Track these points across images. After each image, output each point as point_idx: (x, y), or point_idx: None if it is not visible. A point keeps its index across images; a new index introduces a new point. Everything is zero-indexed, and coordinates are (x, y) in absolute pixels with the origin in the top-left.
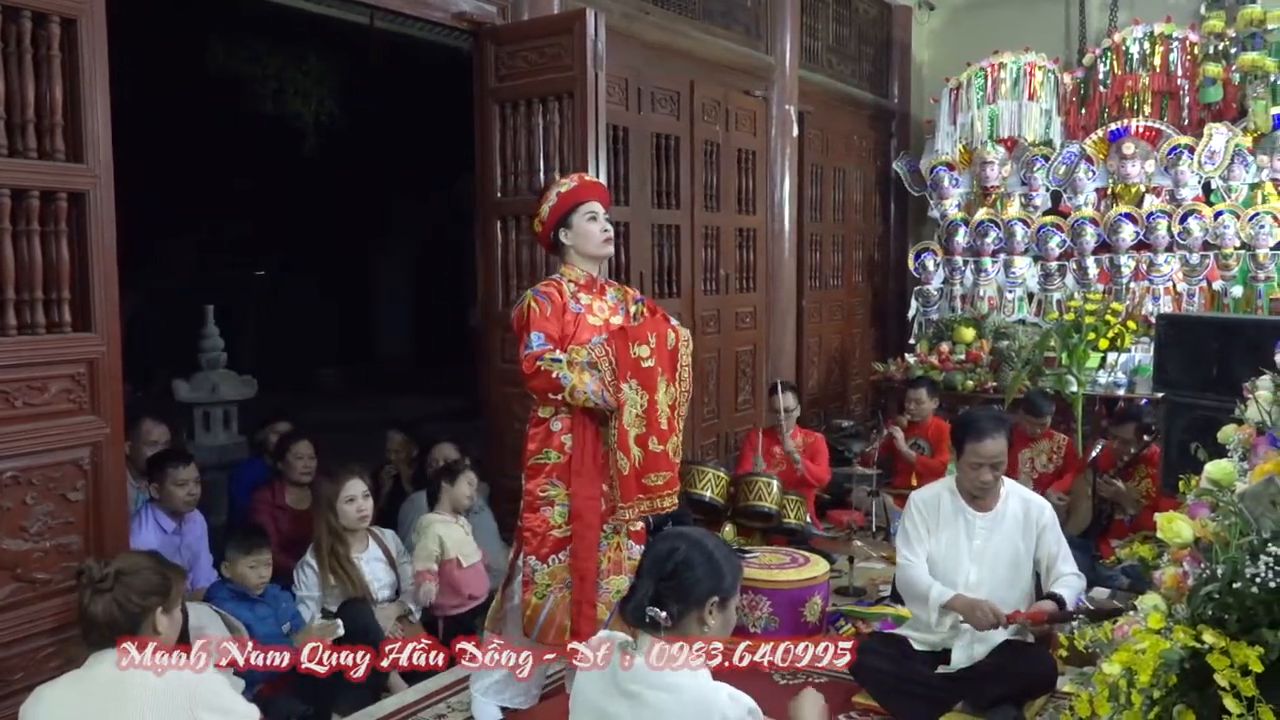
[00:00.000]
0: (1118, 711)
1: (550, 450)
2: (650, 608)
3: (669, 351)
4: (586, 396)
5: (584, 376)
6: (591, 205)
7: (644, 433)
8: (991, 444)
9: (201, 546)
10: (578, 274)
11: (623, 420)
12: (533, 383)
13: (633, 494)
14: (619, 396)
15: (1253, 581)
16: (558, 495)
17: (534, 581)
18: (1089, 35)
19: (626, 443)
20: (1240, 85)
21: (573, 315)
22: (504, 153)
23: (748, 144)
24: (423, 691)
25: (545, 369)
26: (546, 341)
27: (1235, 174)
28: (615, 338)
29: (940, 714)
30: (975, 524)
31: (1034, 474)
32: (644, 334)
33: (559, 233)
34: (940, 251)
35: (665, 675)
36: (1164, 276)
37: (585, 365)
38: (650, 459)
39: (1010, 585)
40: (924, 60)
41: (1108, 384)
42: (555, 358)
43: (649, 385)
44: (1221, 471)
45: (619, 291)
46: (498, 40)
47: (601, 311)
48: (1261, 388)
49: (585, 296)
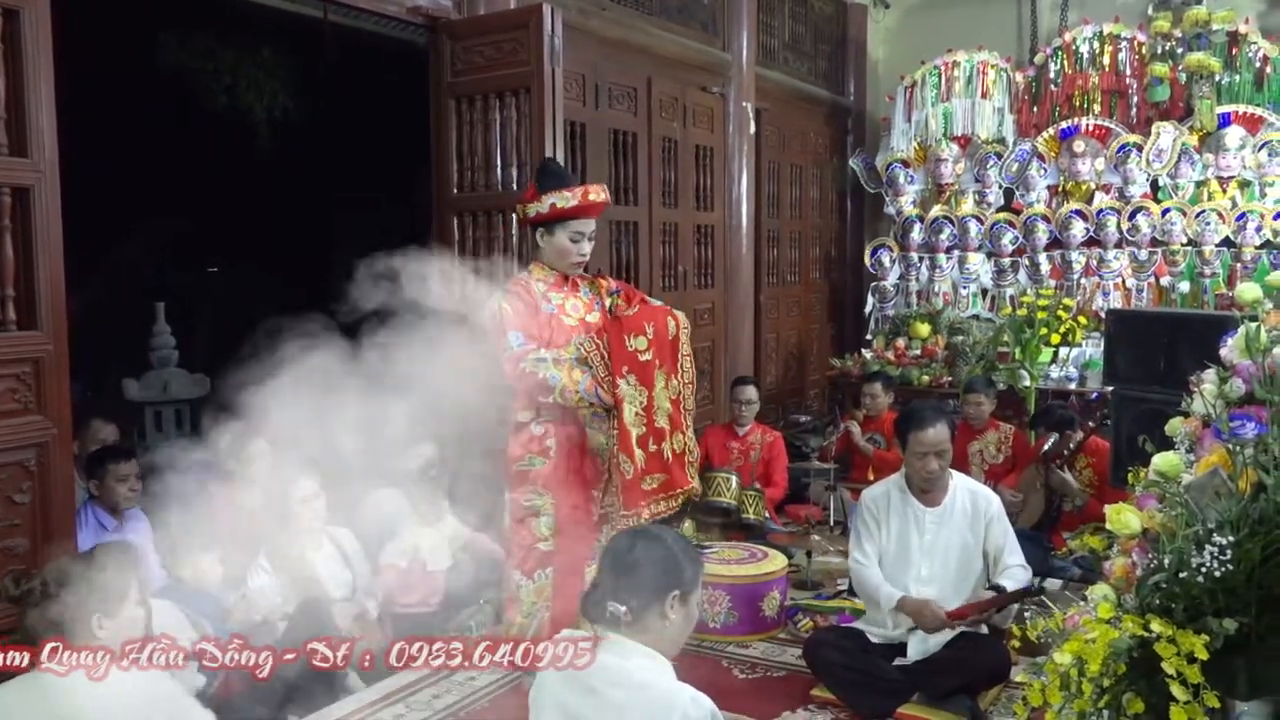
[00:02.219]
0: (1069, 700)
1: (535, 456)
2: (610, 603)
3: (669, 342)
4: (579, 396)
5: (574, 374)
6: (581, 225)
7: (644, 433)
8: (934, 432)
9: (146, 545)
10: (547, 274)
11: (623, 419)
12: (519, 385)
13: (636, 500)
14: (615, 392)
15: (1198, 571)
16: (544, 505)
17: (519, 599)
18: (1040, 35)
19: (629, 444)
20: (1187, 85)
21: (546, 316)
22: (460, 148)
23: (705, 141)
24: (381, 691)
25: (530, 370)
26: (527, 340)
27: (1182, 172)
28: (609, 329)
29: (897, 705)
30: (924, 518)
31: (984, 466)
32: (640, 324)
33: (538, 231)
34: (896, 248)
35: (630, 673)
36: (1114, 272)
37: (575, 362)
38: (649, 460)
39: (961, 578)
40: (879, 58)
41: (1059, 378)
42: (539, 357)
43: (647, 380)
44: (1168, 464)
45: (591, 285)
46: (453, 35)
47: (576, 310)
48: (1207, 381)
49: (556, 295)
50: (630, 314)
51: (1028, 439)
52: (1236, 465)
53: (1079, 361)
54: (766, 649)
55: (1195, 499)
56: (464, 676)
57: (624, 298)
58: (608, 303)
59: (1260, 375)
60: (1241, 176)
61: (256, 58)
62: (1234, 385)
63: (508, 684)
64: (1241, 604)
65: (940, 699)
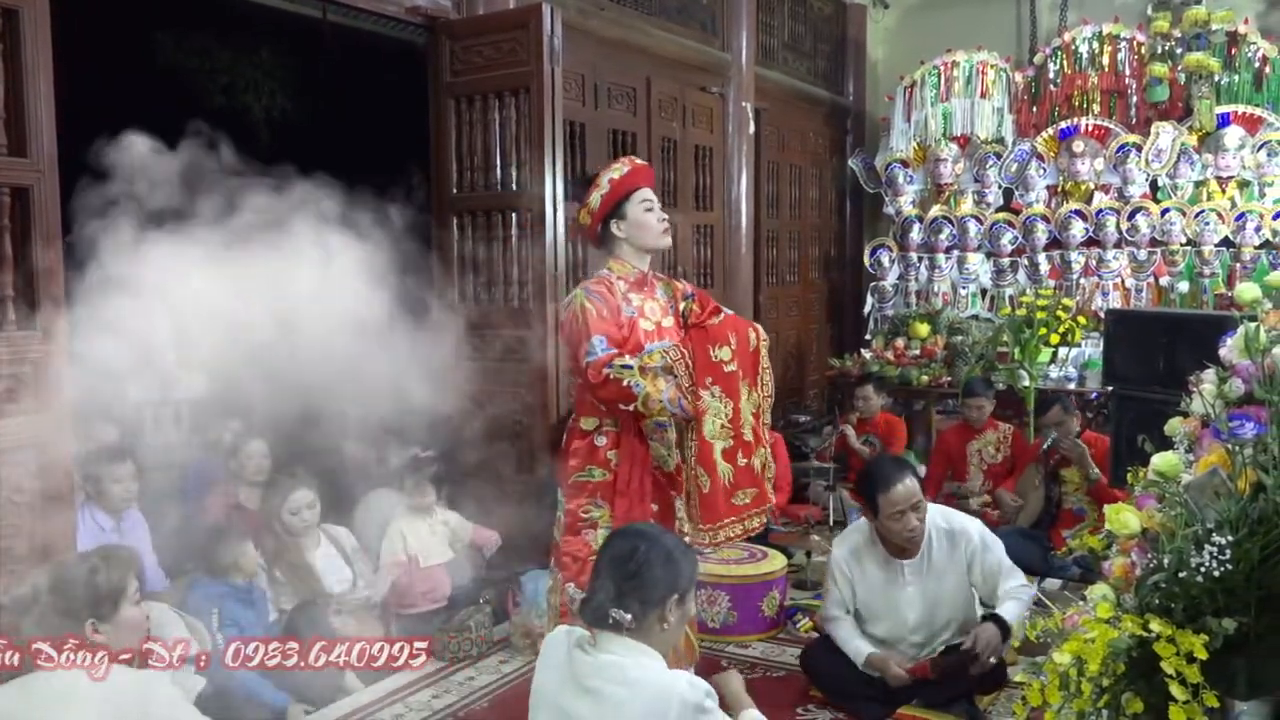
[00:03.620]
0: (1068, 700)
1: (594, 467)
2: (613, 609)
3: (751, 354)
4: (662, 406)
5: (658, 383)
6: (646, 192)
7: (731, 446)
8: (903, 488)
9: (145, 546)
10: (629, 270)
11: (703, 432)
12: (601, 392)
13: (720, 514)
14: (698, 405)
15: (1198, 571)
16: (601, 517)
17: (574, 613)
18: (1039, 35)
19: (710, 457)
20: (1186, 85)
21: (626, 319)
22: (460, 148)
23: (704, 141)
24: (380, 692)
25: (615, 377)
26: (610, 344)
27: (1181, 172)
28: (693, 338)
29: (895, 709)
30: (903, 571)
31: (984, 466)
32: (724, 334)
33: (610, 224)
34: (895, 248)
35: (625, 670)
36: (1113, 272)
37: (659, 370)
38: (739, 474)
39: (955, 613)
40: (879, 58)
41: (1059, 378)
42: (625, 364)
43: (731, 391)
44: (1167, 463)
45: (667, 287)
46: (452, 35)
47: (653, 314)
48: (1206, 381)
49: (636, 297)
50: (715, 324)
51: (1026, 439)
52: (1236, 465)
53: (1078, 361)
54: (766, 649)
55: (1194, 499)
56: (464, 677)
57: (698, 303)
58: (681, 307)
59: (1259, 375)
60: (1241, 176)
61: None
62: (1233, 385)
63: (507, 684)
64: (1241, 604)
65: (938, 706)
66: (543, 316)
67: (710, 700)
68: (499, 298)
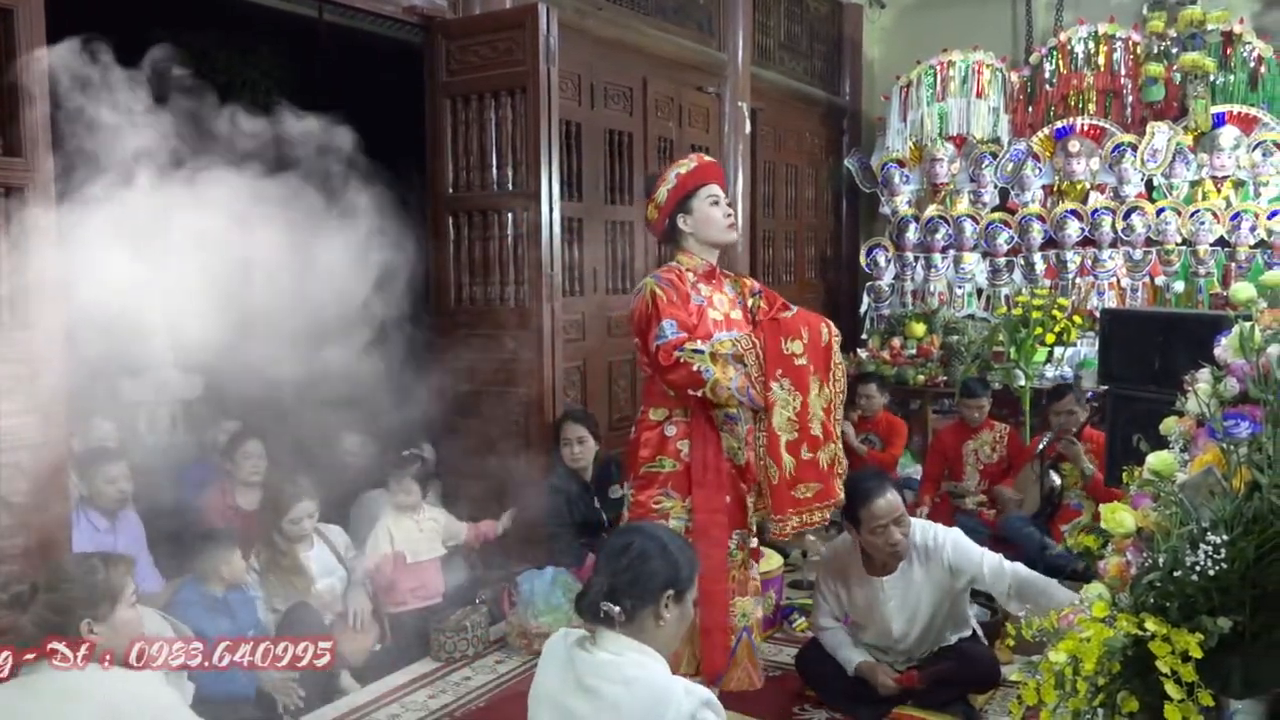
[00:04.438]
0: (1064, 699)
1: (665, 458)
2: (604, 602)
3: (823, 349)
4: (730, 394)
5: (728, 370)
6: (712, 188)
7: (796, 439)
8: (884, 502)
9: (140, 547)
10: (697, 263)
11: (773, 423)
12: (670, 375)
13: (785, 506)
14: (768, 395)
15: (1192, 570)
16: (673, 508)
17: None
18: (1035, 34)
19: (778, 449)
20: (1181, 84)
21: (695, 307)
22: (456, 148)
23: (701, 140)
24: (375, 692)
25: (686, 360)
26: (681, 329)
27: (1176, 172)
28: (765, 329)
29: (890, 709)
30: (884, 587)
31: (980, 466)
32: (797, 327)
33: (677, 219)
34: (891, 247)
35: (623, 669)
36: (1108, 272)
37: (730, 358)
38: (801, 467)
39: (943, 618)
40: (875, 58)
41: (1054, 377)
42: (696, 348)
43: (801, 385)
44: (1162, 463)
45: (735, 283)
46: (449, 34)
47: (722, 305)
48: (1201, 381)
49: (705, 288)
50: (787, 317)
51: (1022, 439)
52: (1231, 464)
53: (1074, 361)
54: (762, 648)
55: (1189, 498)
56: (460, 676)
57: (765, 300)
58: (750, 303)
59: (1254, 374)
60: (1236, 176)
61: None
62: (1228, 384)
63: (504, 684)
64: (1236, 602)
65: (933, 707)
66: (539, 316)
67: (707, 710)
68: (495, 297)
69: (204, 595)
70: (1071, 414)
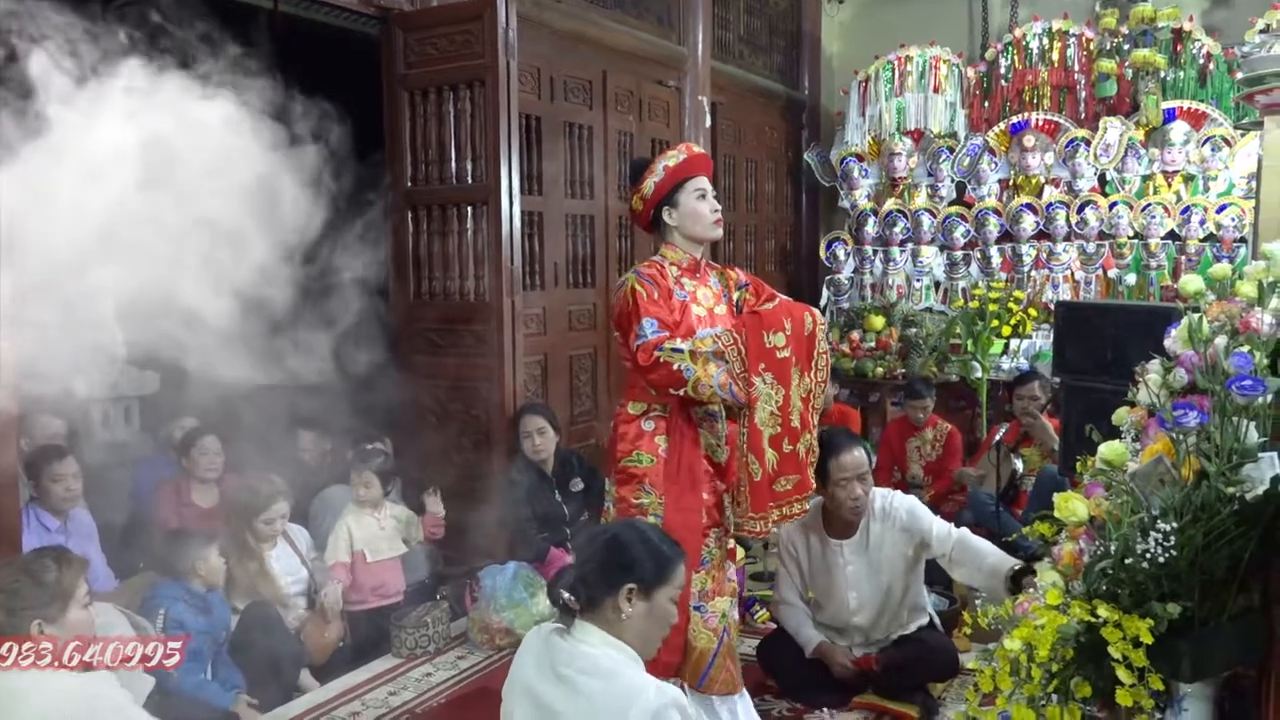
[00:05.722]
0: (1019, 685)
1: (642, 453)
2: (564, 590)
3: (806, 338)
4: (712, 391)
5: (709, 368)
6: (700, 181)
7: (778, 433)
8: (851, 457)
9: (91, 546)
10: (680, 256)
11: (754, 419)
12: (651, 375)
13: (765, 502)
14: (750, 391)
15: (1143, 557)
16: (651, 504)
17: None
18: (991, 30)
19: (760, 444)
20: (1133, 80)
21: (679, 303)
22: (414, 141)
23: (661, 134)
24: (335, 690)
25: (666, 360)
26: (661, 328)
27: (1128, 166)
28: (747, 323)
29: (850, 699)
30: (842, 551)
31: (923, 462)
32: (779, 319)
33: (662, 211)
34: (850, 241)
35: (597, 661)
36: (1063, 265)
37: (710, 355)
38: (783, 461)
39: (900, 595)
40: (834, 53)
41: (1010, 369)
42: (676, 347)
43: (784, 378)
44: (1114, 452)
45: (720, 276)
46: (406, 26)
47: (706, 300)
48: (1152, 371)
49: (689, 282)
50: (769, 309)
51: (961, 440)
52: (1180, 453)
53: (1029, 353)
54: None
55: (1140, 487)
56: (421, 673)
57: (752, 292)
58: (735, 296)
59: (1202, 365)
60: (1186, 171)
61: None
62: (1177, 375)
63: (465, 680)
64: (1185, 588)
65: (892, 693)
66: (499, 310)
67: (674, 711)
68: (455, 291)
69: (188, 592)
70: (1035, 399)
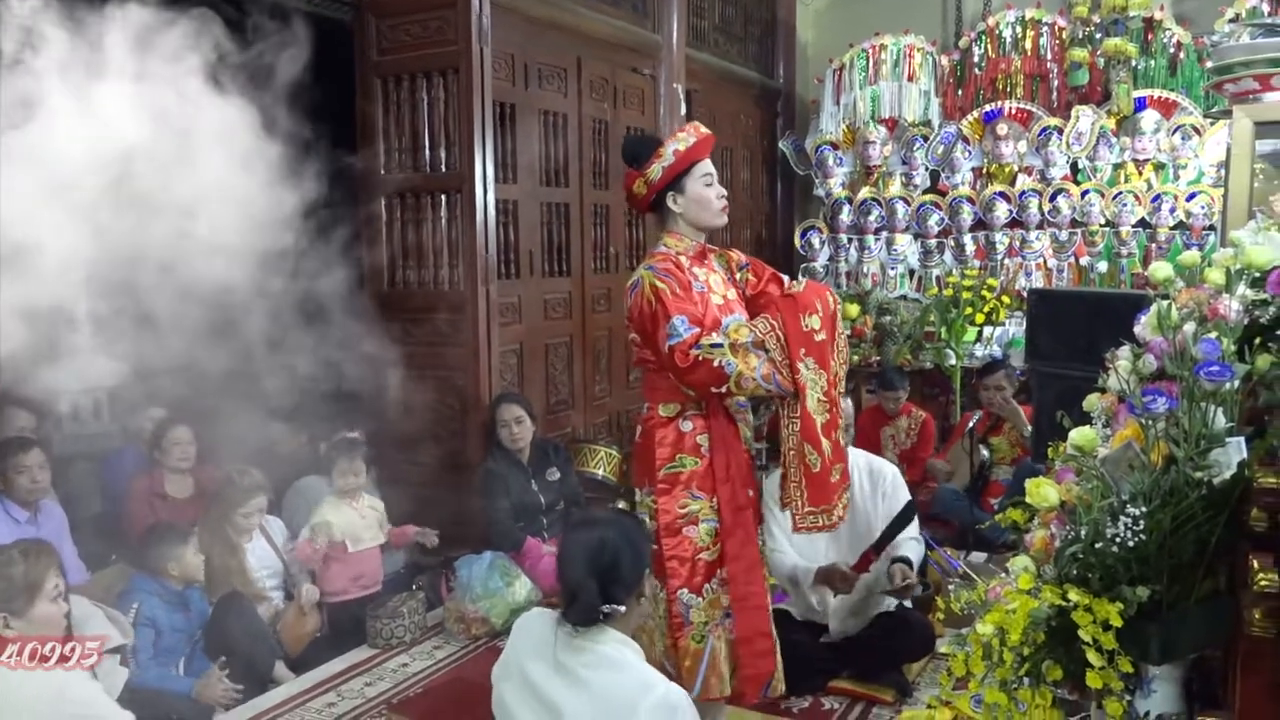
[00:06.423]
0: (991, 669)
1: (685, 455)
2: (604, 605)
3: (831, 318)
4: (756, 384)
5: (750, 359)
6: (706, 165)
7: (829, 419)
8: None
9: (62, 538)
10: (688, 245)
11: (806, 406)
12: (690, 376)
13: (829, 495)
14: (797, 378)
15: (1113, 541)
16: (701, 509)
17: (690, 621)
18: (965, 19)
19: (815, 432)
20: (1104, 69)
21: (698, 294)
22: (388, 129)
23: (636, 122)
24: (310, 681)
25: (705, 357)
26: (693, 323)
27: (1100, 155)
28: (782, 307)
29: (826, 681)
30: None
31: (897, 450)
32: (811, 301)
33: (666, 197)
34: (825, 229)
35: (607, 654)
36: (1035, 253)
37: (750, 346)
38: (835, 449)
39: (858, 551)
40: (808, 41)
41: (984, 356)
42: (714, 342)
43: (824, 362)
44: (1084, 438)
45: (721, 258)
46: (378, 12)
47: (719, 287)
48: (1122, 358)
49: (700, 270)
50: (799, 291)
51: (934, 427)
52: (1149, 439)
53: (1002, 340)
54: None
55: (1110, 472)
56: (397, 663)
57: (753, 272)
58: (738, 277)
59: (1171, 351)
60: (1156, 159)
61: None
62: (1146, 361)
63: (442, 670)
64: (1154, 572)
65: (868, 674)
66: (474, 299)
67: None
68: (429, 280)
69: (164, 588)
70: (1000, 389)
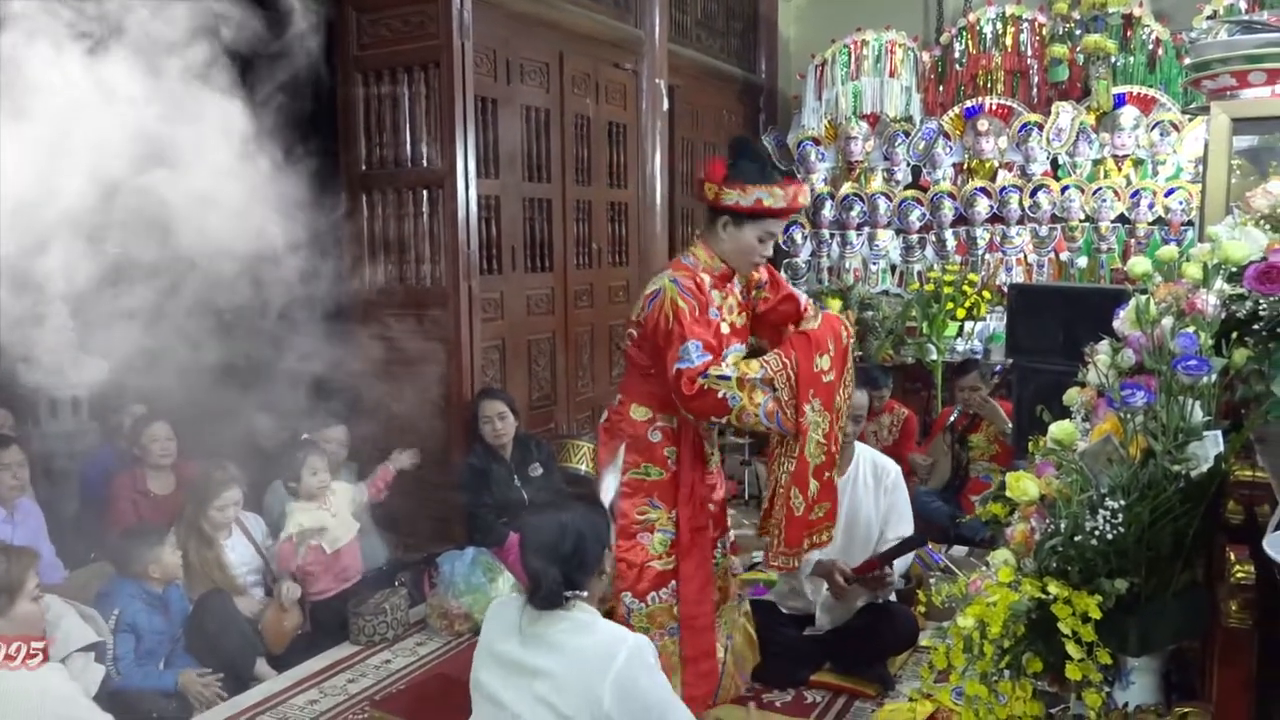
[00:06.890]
0: (972, 662)
1: (651, 465)
2: (568, 592)
3: (842, 352)
4: (757, 420)
5: (755, 395)
6: (775, 225)
7: (824, 462)
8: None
9: (40, 537)
10: (716, 264)
11: (805, 450)
12: (693, 403)
13: (800, 536)
14: (801, 421)
15: (1092, 534)
16: (659, 519)
17: (629, 625)
18: (946, 15)
19: (805, 477)
20: (1084, 66)
21: (714, 322)
22: (369, 123)
23: (618, 117)
24: (292, 678)
25: (710, 388)
26: (705, 350)
27: (1080, 150)
28: (797, 346)
29: (810, 674)
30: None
31: (879, 446)
32: (824, 340)
33: (721, 219)
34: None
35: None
36: (1016, 248)
37: (759, 383)
38: (823, 489)
39: (866, 544)
40: (790, 36)
41: (965, 351)
42: (722, 374)
43: (829, 403)
44: (1064, 432)
45: (743, 278)
46: (360, 6)
47: (731, 313)
48: (1101, 352)
49: (718, 295)
50: (815, 329)
51: (916, 423)
52: (1127, 432)
53: (983, 335)
54: None
55: (1089, 465)
56: (380, 660)
57: (770, 289)
58: (754, 294)
59: (1149, 346)
60: (1135, 155)
61: None
62: (1125, 355)
63: (425, 666)
64: (1132, 565)
65: (851, 667)
66: (456, 294)
67: (650, 651)
68: (411, 276)
69: (145, 591)
70: (975, 389)
